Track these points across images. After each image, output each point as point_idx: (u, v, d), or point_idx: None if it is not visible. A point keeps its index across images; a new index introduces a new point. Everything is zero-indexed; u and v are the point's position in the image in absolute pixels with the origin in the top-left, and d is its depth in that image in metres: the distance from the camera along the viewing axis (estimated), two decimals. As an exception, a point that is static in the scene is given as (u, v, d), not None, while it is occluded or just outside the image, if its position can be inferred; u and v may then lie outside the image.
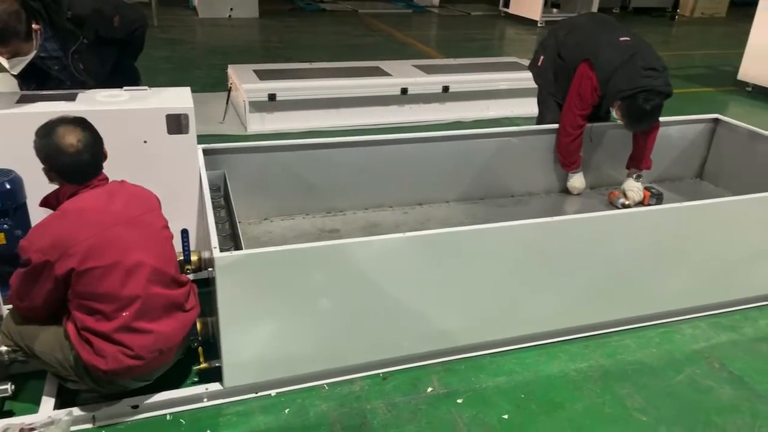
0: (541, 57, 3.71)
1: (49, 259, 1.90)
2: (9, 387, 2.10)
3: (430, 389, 2.39)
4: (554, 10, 12.20)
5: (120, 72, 3.17)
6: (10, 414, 2.13)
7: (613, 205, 3.59)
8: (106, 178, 2.14)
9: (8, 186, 2.37)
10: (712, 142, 3.96)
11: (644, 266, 2.72)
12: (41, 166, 2.05)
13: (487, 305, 2.52)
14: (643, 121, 3.31)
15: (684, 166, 4.00)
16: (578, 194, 3.68)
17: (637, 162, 3.58)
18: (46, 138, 2.00)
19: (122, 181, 2.18)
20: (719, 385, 2.49)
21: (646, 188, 3.63)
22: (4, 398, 2.13)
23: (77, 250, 1.91)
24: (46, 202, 2.12)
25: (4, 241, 2.38)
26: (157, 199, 2.24)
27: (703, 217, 2.76)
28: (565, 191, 3.72)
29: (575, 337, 2.71)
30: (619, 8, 12.73)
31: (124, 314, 1.99)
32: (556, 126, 3.63)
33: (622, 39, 3.35)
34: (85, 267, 1.92)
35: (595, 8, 11.27)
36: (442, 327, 2.48)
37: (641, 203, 3.55)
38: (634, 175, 3.57)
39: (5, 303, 2.26)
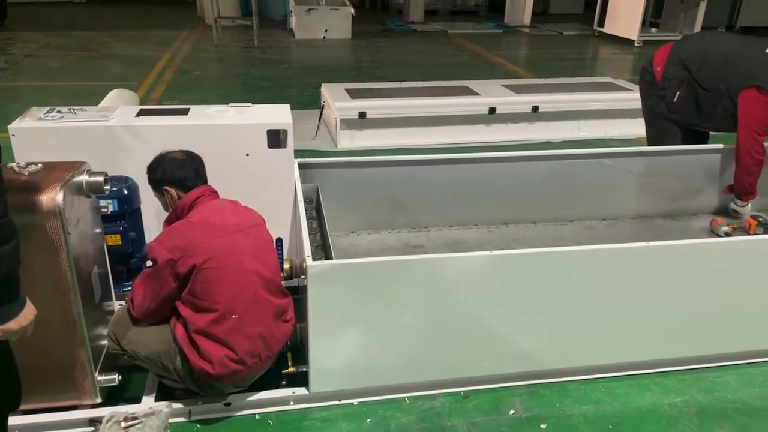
0: (677, 92, 3.48)
1: (173, 258, 2.07)
2: (116, 377, 2.28)
3: (512, 412, 2.35)
4: (653, 29, 11.75)
5: None
6: (115, 403, 2.30)
7: (714, 233, 3.40)
8: (215, 191, 2.31)
9: (126, 192, 2.60)
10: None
11: (749, 299, 2.54)
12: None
13: (574, 330, 2.45)
14: None
15: (796, 195, 3.72)
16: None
17: None
18: (157, 162, 2.27)
19: (235, 201, 2.34)
20: (834, 434, 2.28)
21: (752, 217, 3.41)
22: (112, 388, 2.31)
23: (199, 250, 2.08)
24: (167, 223, 2.29)
25: (119, 242, 2.61)
26: (263, 218, 2.38)
27: (818, 249, 2.55)
28: (666, 216, 3.57)
29: (669, 369, 2.58)
30: (725, 27, 12.06)
31: (234, 316, 2.12)
32: (649, 148, 3.51)
33: (767, 50, 3.20)
34: (205, 266, 2.07)
35: (698, 27, 10.75)
36: (527, 349, 2.44)
37: (747, 232, 3.34)
38: None
39: (121, 301, 2.46)
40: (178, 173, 2.23)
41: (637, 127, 5.66)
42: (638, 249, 2.37)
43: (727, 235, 3.31)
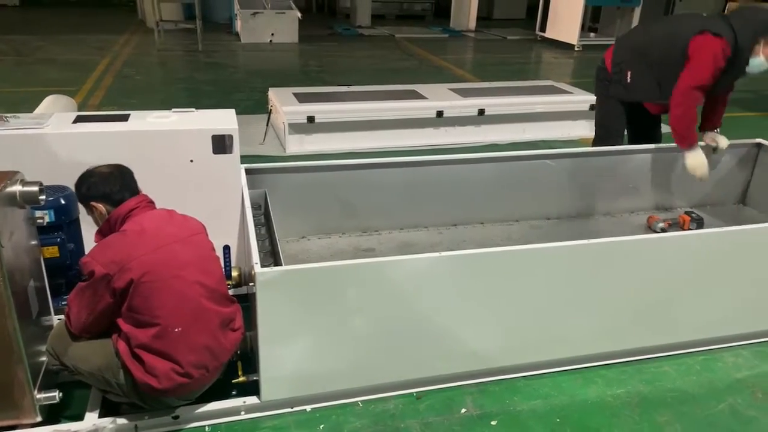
0: (628, 72, 3.51)
1: (110, 273, 1.99)
2: (57, 395, 2.18)
3: (464, 410, 2.39)
4: (591, 34, 12.19)
5: None
6: (56, 421, 2.21)
7: (651, 229, 3.55)
8: (152, 201, 2.25)
9: (63, 201, 2.50)
10: (755, 167, 3.88)
11: (684, 292, 2.67)
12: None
13: (522, 327, 2.51)
14: None
15: (726, 191, 3.92)
16: (701, 178, 3.38)
17: (714, 121, 3.58)
18: (83, 177, 2.21)
19: (171, 210, 2.28)
20: (762, 416, 2.42)
21: (686, 213, 3.58)
22: (52, 405, 2.22)
23: (136, 264, 2.00)
24: (100, 233, 2.22)
25: (57, 254, 2.50)
26: (203, 226, 2.33)
27: (744, 242, 2.70)
28: (606, 214, 3.69)
29: (612, 362, 2.68)
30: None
31: (177, 330, 2.06)
32: (590, 150, 3.63)
33: (704, 15, 3.37)
34: (143, 280, 2.00)
35: (633, 32, 11.19)
36: (477, 348, 2.48)
37: (681, 228, 3.50)
38: (716, 131, 3.57)
39: (60, 315, 2.36)
40: (102, 188, 2.16)
41: (579, 129, 5.90)
42: (580, 246, 2.44)
43: (663, 231, 3.46)
